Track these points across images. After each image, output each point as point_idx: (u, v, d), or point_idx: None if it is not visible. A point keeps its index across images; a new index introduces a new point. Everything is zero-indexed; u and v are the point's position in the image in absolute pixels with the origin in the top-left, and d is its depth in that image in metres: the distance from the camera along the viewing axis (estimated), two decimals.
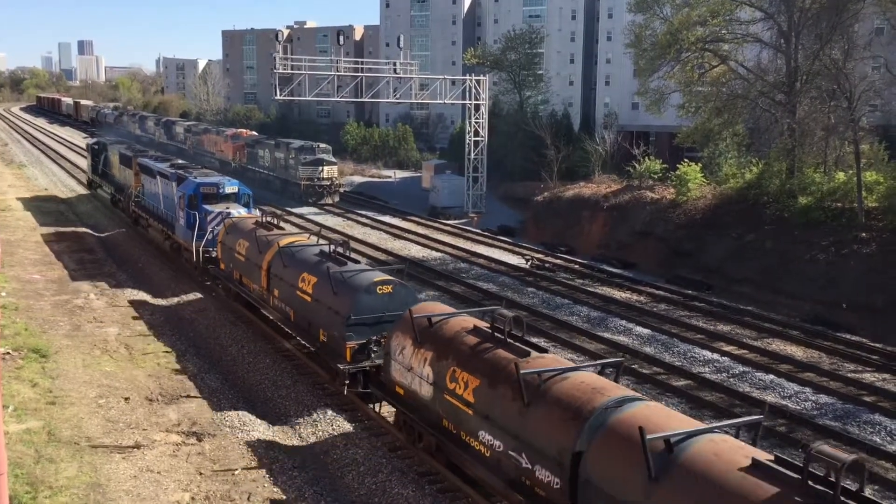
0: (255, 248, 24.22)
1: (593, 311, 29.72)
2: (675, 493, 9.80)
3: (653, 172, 47.36)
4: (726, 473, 9.54)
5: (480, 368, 13.86)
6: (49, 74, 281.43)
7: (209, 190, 31.05)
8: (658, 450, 10.16)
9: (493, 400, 13.31)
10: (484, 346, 14.34)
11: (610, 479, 10.78)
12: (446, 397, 14.51)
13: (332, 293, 19.34)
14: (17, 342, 21.71)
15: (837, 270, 32.17)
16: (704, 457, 9.92)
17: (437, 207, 54.57)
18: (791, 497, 8.85)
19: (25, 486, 14.14)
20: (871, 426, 19.75)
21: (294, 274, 21.46)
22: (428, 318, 15.78)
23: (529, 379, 12.65)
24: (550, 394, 12.32)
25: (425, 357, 15.31)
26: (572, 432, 11.52)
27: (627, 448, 10.53)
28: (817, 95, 39.14)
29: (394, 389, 16.56)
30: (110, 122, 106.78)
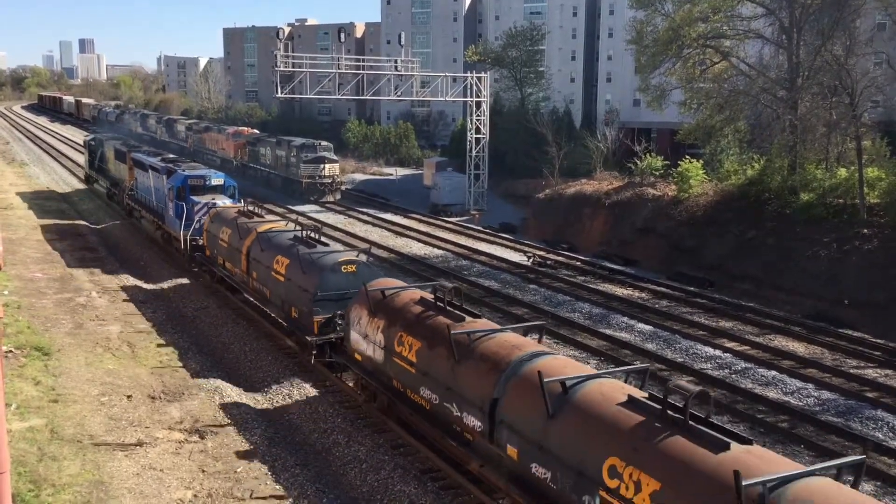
0: (236, 235, 26.03)
1: (595, 307, 29.72)
2: (566, 425, 11.74)
3: (654, 169, 47.31)
4: (607, 408, 11.44)
5: (422, 332, 15.64)
6: (50, 73, 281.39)
7: (196, 182, 32.90)
8: (555, 392, 12.06)
9: (431, 359, 15.11)
10: (426, 313, 16.06)
11: (518, 419, 12.69)
12: (395, 359, 16.28)
13: (301, 273, 21.05)
14: (19, 340, 21.73)
15: (839, 267, 32.14)
16: (592, 396, 11.81)
17: (439, 205, 54.56)
18: (652, 423, 10.78)
19: (28, 484, 14.17)
20: (873, 422, 19.75)
21: (270, 257, 23.16)
22: (381, 292, 17.50)
23: (460, 339, 14.44)
24: (477, 351, 14.12)
25: (378, 325, 17.03)
26: (491, 382, 13.37)
27: (532, 392, 12.32)
28: (819, 91, 39.05)
29: (353, 356, 18.36)
30: (112, 121, 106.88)
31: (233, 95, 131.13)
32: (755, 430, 19.07)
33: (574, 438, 11.57)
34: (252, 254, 24.54)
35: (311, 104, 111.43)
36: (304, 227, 24.13)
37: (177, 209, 32.19)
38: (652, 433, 10.65)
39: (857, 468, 9.98)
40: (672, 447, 10.29)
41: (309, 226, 24.88)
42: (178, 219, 32.07)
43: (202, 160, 75.51)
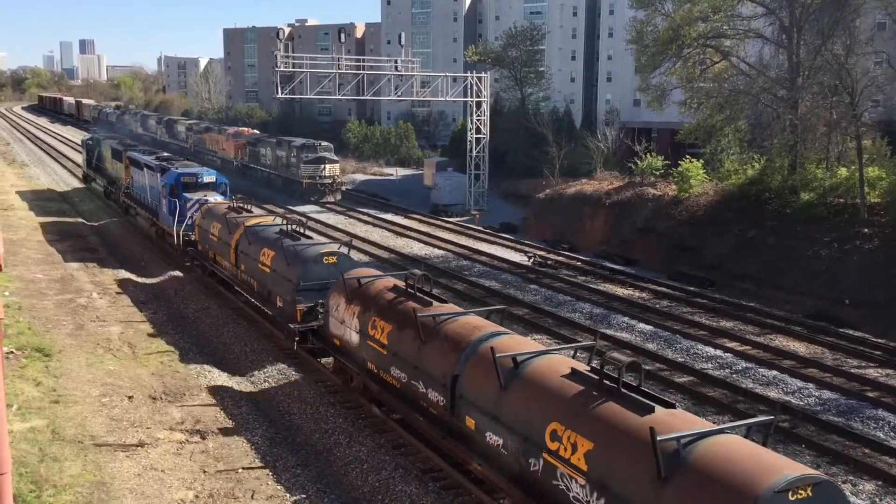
0: (225, 230, 27.17)
1: (596, 307, 29.73)
2: (516, 396, 13.01)
3: (654, 169, 47.31)
4: (551, 379, 12.69)
5: (392, 316, 16.87)
6: (51, 74, 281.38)
7: (189, 179, 33.85)
8: (507, 366, 13.31)
9: (400, 340, 16.34)
10: (398, 299, 17.29)
11: (475, 393, 13.92)
12: (369, 342, 17.48)
13: (286, 264, 22.22)
14: (20, 341, 21.74)
15: (840, 266, 32.13)
16: (539, 369, 13.07)
17: (439, 205, 54.57)
18: (590, 392, 12.01)
19: (30, 485, 14.18)
20: (874, 421, 19.75)
21: (257, 249, 24.28)
22: (357, 280, 18.68)
23: (426, 321, 15.64)
24: (441, 332, 15.30)
25: (354, 311, 18.22)
26: (453, 360, 14.57)
27: (486, 367, 13.52)
28: (819, 91, 39.03)
29: (332, 341, 19.55)
30: (112, 121, 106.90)
31: (233, 96, 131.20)
32: None
33: (522, 408, 12.81)
34: (240, 247, 25.59)
35: (312, 104, 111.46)
36: (290, 221, 25.49)
37: (170, 206, 33.23)
38: (589, 400, 11.86)
39: (766, 427, 11.26)
40: (605, 412, 11.50)
41: (293, 220, 26.20)
42: (171, 215, 33.04)
43: (203, 161, 75.54)
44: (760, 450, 10.23)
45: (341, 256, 22.15)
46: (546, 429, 12.07)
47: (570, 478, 11.54)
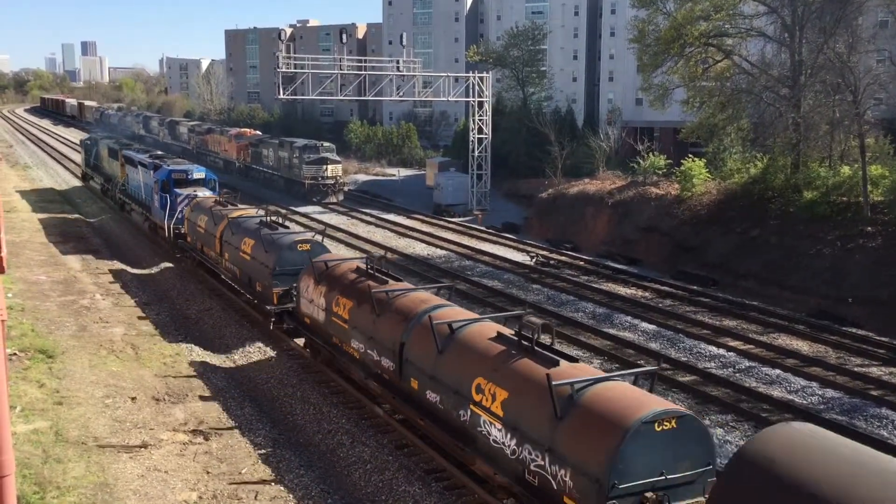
0: (211, 222, 29.01)
1: (598, 307, 29.71)
2: (450, 358, 14.94)
3: (657, 168, 47.26)
4: (479, 342, 14.72)
5: (352, 294, 18.93)
6: (53, 76, 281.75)
7: (180, 176, 35.67)
8: (444, 333, 15.22)
9: (358, 315, 18.31)
10: (358, 279, 19.29)
11: (418, 357, 15.78)
12: (333, 318, 19.45)
13: (264, 251, 24.16)
14: (23, 343, 21.77)
15: (843, 265, 32.08)
16: (471, 334, 15.07)
17: (442, 205, 54.55)
18: (510, 351, 13.94)
19: (33, 487, 14.19)
20: (878, 420, 19.72)
21: (239, 239, 26.26)
22: (325, 263, 20.79)
23: (380, 296, 17.67)
24: (392, 306, 17.29)
25: (321, 291, 20.17)
26: (401, 330, 16.51)
27: (427, 334, 15.45)
28: (822, 89, 38.96)
29: (303, 320, 21.45)
30: (114, 123, 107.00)
31: (235, 97, 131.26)
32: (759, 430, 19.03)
33: (454, 367, 14.76)
34: (224, 237, 27.58)
35: (314, 105, 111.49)
36: (269, 213, 27.58)
37: (161, 200, 34.96)
38: (507, 357, 13.84)
39: (651, 376, 13.29)
40: (518, 366, 13.50)
41: (272, 212, 28.18)
42: (162, 209, 34.78)
43: (205, 162, 75.74)
44: (640, 393, 12.28)
45: (314, 244, 24.03)
46: (472, 383, 14.05)
47: (490, 423, 13.53)
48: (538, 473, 12.36)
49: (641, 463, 11.21)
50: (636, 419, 11.17)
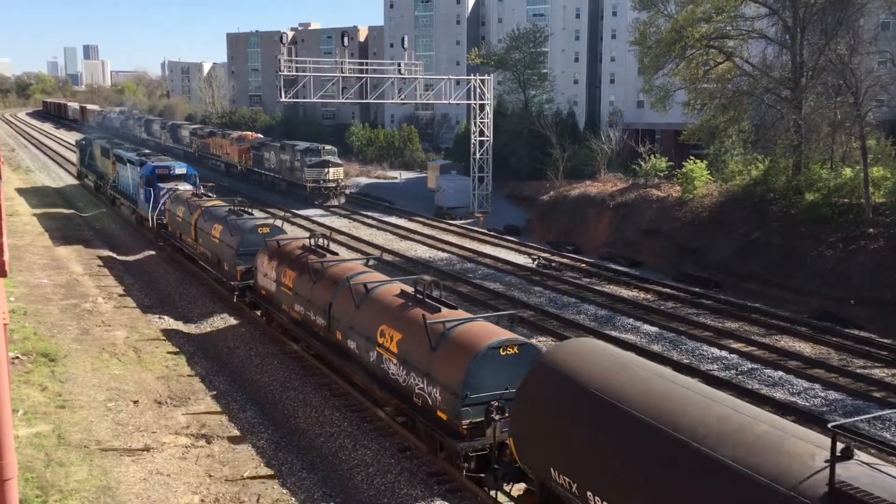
0: (188, 211, 32.37)
1: (601, 309, 29.68)
2: (364, 311, 18.40)
3: (658, 170, 47.25)
4: (386, 297, 18.22)
5: (296, 266, 22.40)
6: (55, 79, 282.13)
7: (163, 171, 39.15)
8: (361, 292, 18.73)
9: (300, 283, 21.83)
10: (302, 254, 22.81)
11: (340, 312, 19.39)
12: (282, 288, 22.92)
13: (229, 234, 27.49)
14: (26, 346, 21.78)
15: (845, 266, 32.05)
16: (381, 292, 18.49)
17: (443, 208, 54.54)
18: (407, 303, 17.31)
19: (36, 490, 14.19)
20: (881, 422, 19.68)
21: (210, 225, 29.67)
22: (277, 242, 24.35)
23: (316, 267, 21.29)
24: (325, 274, 20.80)
25: (273, 265, 23.70)
26: (331, 292, 20.00)
27: (348, 295, 18.98)
28: (823, 91, 38.96)
29: (260, 292, 24.91)
30: (116, 126, 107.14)
31: (237, 100, 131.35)
32: None
33: (366, 319, 18.16)
34: (198, 224, 30.90)
35: (315, 108, 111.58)
36: (236, 202, 31.74)
37: (146, 194, 38.35)
38: (404, 308, 17.21)
39: (510, 318, 17.21)
40: (410, 313, 16.79)
41: (239, 202, 32.17)
42: (147, 202, 38.22)
43: (207, 165, 75.99)
44: (495, 329, 15.51)
45: (273, 227, 27.29)
46: (378, 330, 17.44)
47: (389, 360, 16.96)
48: (421, 395, 15.79)
49: (488, 379, 14.49)
50: (484, 345, 14.59)
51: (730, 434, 9.28)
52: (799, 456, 8.52)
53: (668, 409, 10.19)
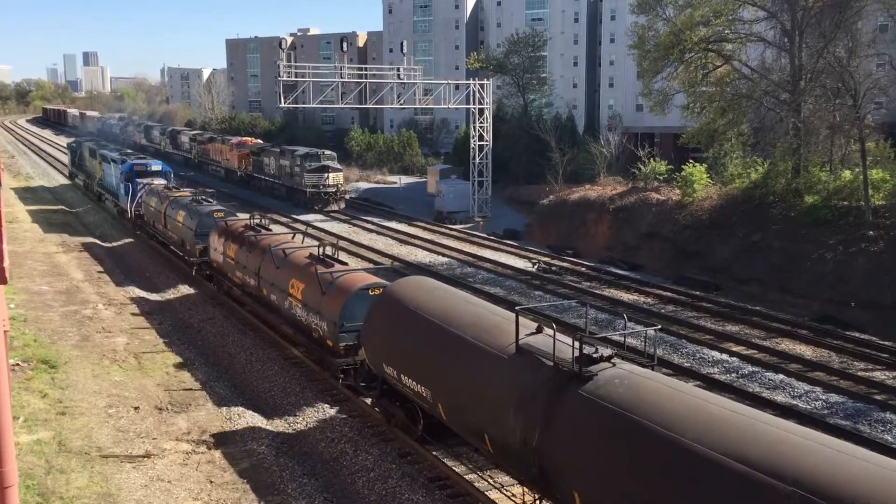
0: (159, 202, 37.15)
1: (601, 313, 29.67)
2: (282, 270, 22.75)
3: (658, 174, 47.27)
4: (298, 258, 22.69)
5: (237, 240, 26.84)
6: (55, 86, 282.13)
7: (141, 168, 44.50)
8: (280, 256, 23.20)
9: (240, 254, 26.23)
10: (243, 231, 27.33)
11: (266, 273, 23.88)
12: (228, 259, 27.38)
13: (190, 219, 32.39)
14: (26, 353, 21.77)
15: (845, 269, 32.04)
16: (296, 256, 22.93)
17: (443, 212, 54.56)
18: (312, 262, 21.74)
19: (37, 497, 14.18)
20: (882, 424, 19.67)
21: (175, 212, 34.54)
22: (225, 223, 29.02)
23: (251, 239, 26.03)
24: (258, 244, 25.37)
25: (222, 241, 28.07)
26: (259, 259, 24.59)
27: (272, 259, 23.55)
28: (822, 94, 39.00)
29: (212, 265, 29.58)
30: (116, 133, 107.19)
31: (236, 106, 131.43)
32: None
33: (282, 276, 22.70)
34: (167, 212, 35.62)
35: (315, 113, 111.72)
36: (199, 193, 37.05)
37: (126, 189, 43.46)
38: (308, 266, 21.71)
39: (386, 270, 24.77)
40: (311, 268, 21.30)
41: (200, 191, 37.94)
42: (126, 195, 43.34)
43: (206, 171, 76.08)
44: (371, 277, 20.59)
45: (227, 212, 32.31)
46: (289, 283, 22.17)
47: (296, 306, 21.67)
48: (315, 329, 20.62)
49: (359, 312, 18.46)
50: (357, 287, 19.41)
51: (477, 325, 14.28)
52: (511, 333, 13.15)
53: (453, 314, 15.02)
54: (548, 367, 12.10)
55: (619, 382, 11.15)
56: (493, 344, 13.40)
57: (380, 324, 16.69)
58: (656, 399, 10.57)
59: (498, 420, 12.64)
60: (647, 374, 11.71)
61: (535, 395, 11.95)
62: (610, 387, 11.14)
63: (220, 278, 28.93)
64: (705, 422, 9.79)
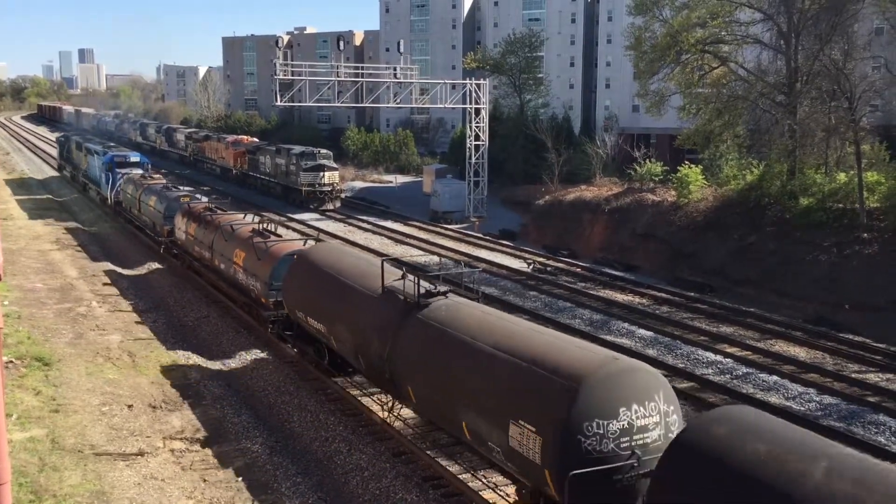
0: (135, 189, 41.13)
1: (595, 314, 29.69)
2: (229, 243, 26.38)
3: (654, 175, 47.35)
4: (243, 233, 26.19)
5: (197, 220, 30.58)
6: (50, 83, 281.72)
7: (120, 159, 48.66)
8: (228, 231, 26.86)
9: (198, 231, 29.96)
10: (202, 212, 30.92)
11: (218, 246, 27.34)
12: (189, 237, 30.98)
13: (160, 202, 36.24)
14: (20, 351, 21.71)
15: (840, 271, 32.13)
16: (241, 231, 26.50)
17: (439, 212, 54.55)
18: (254, 235, 25.26)
19: (30, 495, 14.14)
20: (875, 426, 19.71)
21: (148, 197, 38.47)
22: (188, 205, 32.84)
23: (207, 219, 29.70)
24: (213, 223, 28.83)
25: (185, 221, 31.71)
26: (213, 234, 28.14)
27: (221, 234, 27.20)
28: (818, 96, 39.11)
29: (178, 243, 33.14)
30: (111, 130, 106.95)
31: (232, 104, 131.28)
32: None
33: (230, 246, 26.25)
34: (141, 198, 39.46)
35: (311, 112, 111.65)
36: (168, 181, 42.56)
37: (106, 178, 47.87)
38: (250, 238, 25.10)
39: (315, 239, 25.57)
40: (251, 241, 24.77)
41: (171, 179, 45.45)
42: (107, 184, 47.83)
43: (202, 169, 75.96)
44: (297, 245, 23.88)
45: (192, 197, 36.09)
46: (234, 252, 25.74)
47: (238, 271, 25.23)
48: (252, 289, 24.42)
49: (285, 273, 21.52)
50: (283, 253, 22.95)
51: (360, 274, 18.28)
52: (379, 277, 17.16)
53: (345, 267, 19.07)
54: (401, 301, 15.95)
55: (445, 308, 15.26)
56: (368, 287, 17.31)
57: (294, 279, 20.73)
58: (463, 317, 14.62)
59: (367, 342, 16.59)
60: (467, 304, 15.69)
61: (390, 322, 15.86)
62: (437, 311, 15.19)
63: (183, 254, 32.73)
64: (490, 329, 13.82)
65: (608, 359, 11.87)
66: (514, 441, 11.99)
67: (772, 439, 9.37)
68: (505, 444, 12.21)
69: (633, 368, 11.84)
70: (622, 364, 11.74)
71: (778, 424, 9.96)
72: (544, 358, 12.21)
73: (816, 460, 8.79)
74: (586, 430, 11.03)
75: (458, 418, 13.59)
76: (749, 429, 9.69)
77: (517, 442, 11.92)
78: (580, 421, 11.03)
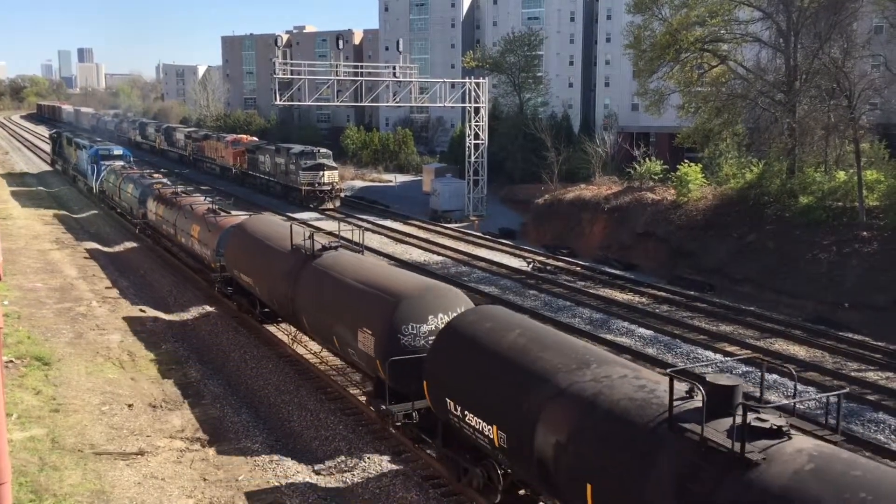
0: (116, 179, 46.05)
1: (595, 313, 29.71)
2: (189, 220, 31.12)
3: (653, 173, 47.35)
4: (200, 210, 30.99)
5: (165, 202, 34.80)
6: (49, 82, 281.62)
7: (105, 153, 54.20)
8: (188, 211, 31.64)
9: (165, 212, 34.29)
10: (170, 195, 35.06)
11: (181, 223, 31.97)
12: (159, 216, 35.27)
13: (136, 189, 40.49)
14: (20, 350, 21.71)
15: (839, 269, 32.14)
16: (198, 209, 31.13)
17: (438, 211, 54.55)
18: (211, 215, 30.00)
19: (30, 495, 14.14)
20: (874, 424, 19.75)
21: (127, 185, 43.11)
22: (159, 190, 37.02)
23: (174, 201, 33.49)
24: (178, 204, 33.06)
25: (155, 204, 36.19)
26: (177, 214, 32.35)
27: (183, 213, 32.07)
28: (817, 94, 39.12)
29: (150, 223, 37.55)
30: (111, 129, 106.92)
31: (231, 103, 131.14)
32: None
33: (189, 223, 30.60)
34: (121, 186, 44.30)
35: (310, 111, 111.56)
36: (146, 171, 48.36)
37: (92, 170, 52.93)
38: (206, 215, 29.63)
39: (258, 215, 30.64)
40: (207, 218, 29.25)
41: (148, 171, 49.31)
42: (93, 175, 52.85)
43: (201, 168, 75.95)
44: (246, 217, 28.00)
45: (164, 184, 39.66)
46: (191, 227, 30.09)
47: (195, 242, 29.55)
48: (204, 256, 28.75)
49: None
50: (229, 225, 27.11)
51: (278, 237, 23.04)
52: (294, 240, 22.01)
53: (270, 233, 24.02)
54: (302, 254, 20.74)
55: (332, 257, 20.01)
56: (282, 246, 22.10)
57: (232, 245, 25.43)
58: (341, 263, 19.38)
59: (279, 288, 21.36)
60: (348, 254, 20.35)
61: (293, 269, 20.61)
62: (325, 259, 20.01)
63: (154, 233, 37.52)
64: (354, 270, 18.66)
65: (424, 282, 17.02)
66: (360, 343, 16.75)
67: (517, 326, 13.76)
68: (356, 345, 16.95)
69: (441, 289, 16.68)
70: (432, 286, 16.72)
71: (525, 319, 14.69)
72: (382, 284, 17.08)
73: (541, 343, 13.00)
74: (403, 330, 15.80)
75: (331, 332, 18.46)
76: (491, 317, 14.19)
77: (361, 343, 16.68)
78: (399, 324, 15.82)
